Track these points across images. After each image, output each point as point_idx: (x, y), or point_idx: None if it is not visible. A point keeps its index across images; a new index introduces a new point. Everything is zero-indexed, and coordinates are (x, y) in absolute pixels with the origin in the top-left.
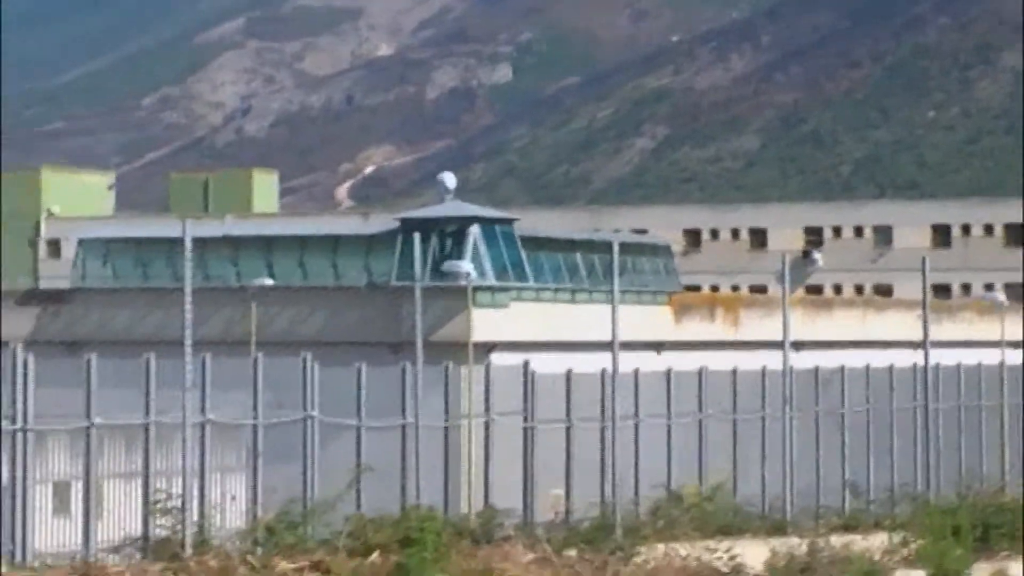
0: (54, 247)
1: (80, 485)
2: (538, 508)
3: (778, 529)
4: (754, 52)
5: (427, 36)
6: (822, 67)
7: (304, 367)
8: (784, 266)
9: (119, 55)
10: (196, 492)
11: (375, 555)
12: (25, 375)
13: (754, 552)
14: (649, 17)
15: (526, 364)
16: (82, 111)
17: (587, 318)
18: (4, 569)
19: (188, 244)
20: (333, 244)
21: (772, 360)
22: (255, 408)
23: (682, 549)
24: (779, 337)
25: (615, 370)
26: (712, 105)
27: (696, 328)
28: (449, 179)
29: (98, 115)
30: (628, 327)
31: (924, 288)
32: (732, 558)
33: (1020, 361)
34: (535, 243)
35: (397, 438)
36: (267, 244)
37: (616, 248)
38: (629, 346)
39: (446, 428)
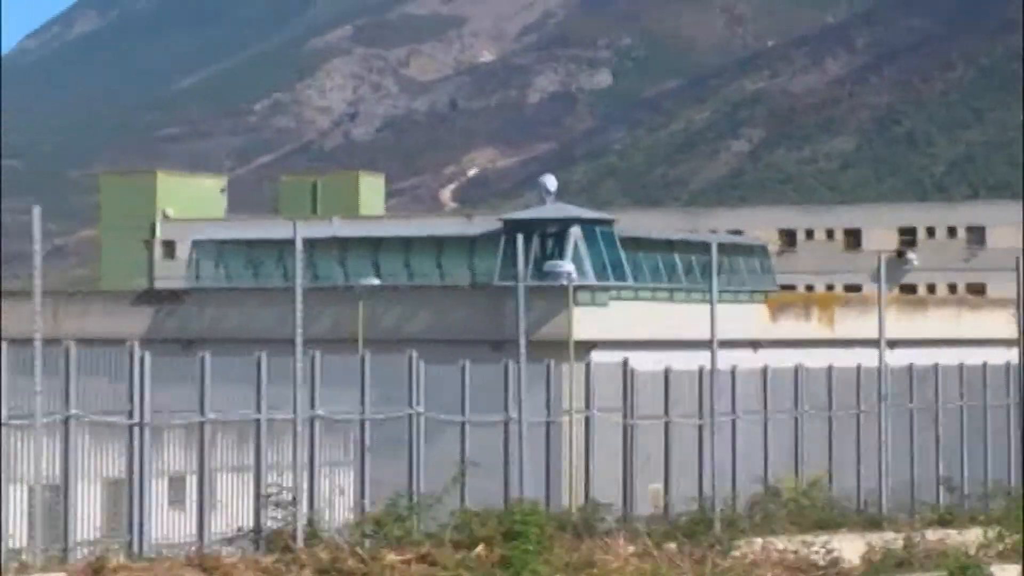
0: (169, 248)
1: (194, 478)
2: (637, 502)
3: (874, 523)
4: (849, 55)
5: (529, 42)
6: (916, 69)
7: (410, 364)
8: (880, 265)
9: (233, 62)
10: (306, 486)
11: (480, 548)
12: (142, 372)
13: (850, 546)
14: (745, 22)
15: (625, 362)
16: (197, 116)
17: (685, 317)
18: (122, 559)
19: (299, 245)
20: (438, 245)
21: (867, 358)
22: (363, 404)
23: (779, 543)
24: (874, 335)
25: (713, 367)
26: (807, 108)
27: (792, 326)
28: (550, 181)
29: (212, 120)
30: (726, 325)
31: (1019, 287)
32: (829, 552)
33: None
34: (634, 243)
35: (500, 434)
36: (374, 245)
37: (715, 248)
38: (727, 344)
39: (548, 424)
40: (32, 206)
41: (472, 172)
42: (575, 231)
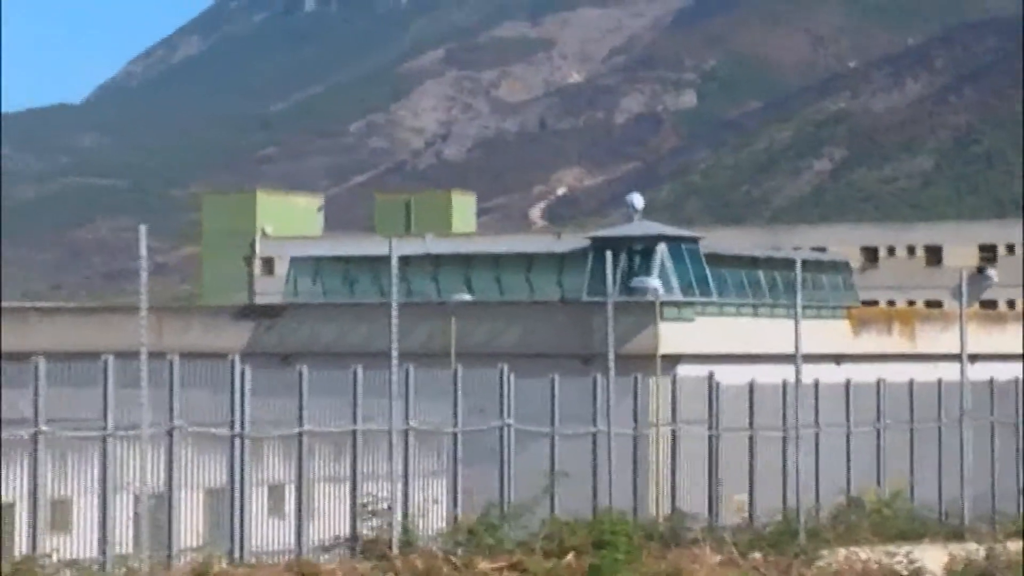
0: (268, 265)
1: (293, 488)
2: (722, 512)
3: (955, 535)
4: (929, 76)
5: (616, 64)
6: (995, 89)
7: (501, 378)
8: (962, 281)
9: (329, 84)
10: (400, 495)
11: (570, 556)
12: (242, 385)
13: (933, 556)
14: (827, 44)
15: (711, 375)
16: (294, 137)
17: (769, 331)
18: (224, 565)
19: (394, 262)
20: (527, 261)
21: (947, 372)
22: (455, 416)
23: (863, 553)
24: (954, 350)
25: (797, 381)
26: (888, 127)
27: (874, 341)
28: (637, 199)
29: (309, 141)
30: (809, 340)
31: None
32: (911, 562)
33: None
34: (719, 260)
35: (588, 445)
36: (465, 262)
37: (799, 265)
38: (810, 358)
39: (635, 436)
40: (138, 225)
41: (560, 191)
42: (661, 248)
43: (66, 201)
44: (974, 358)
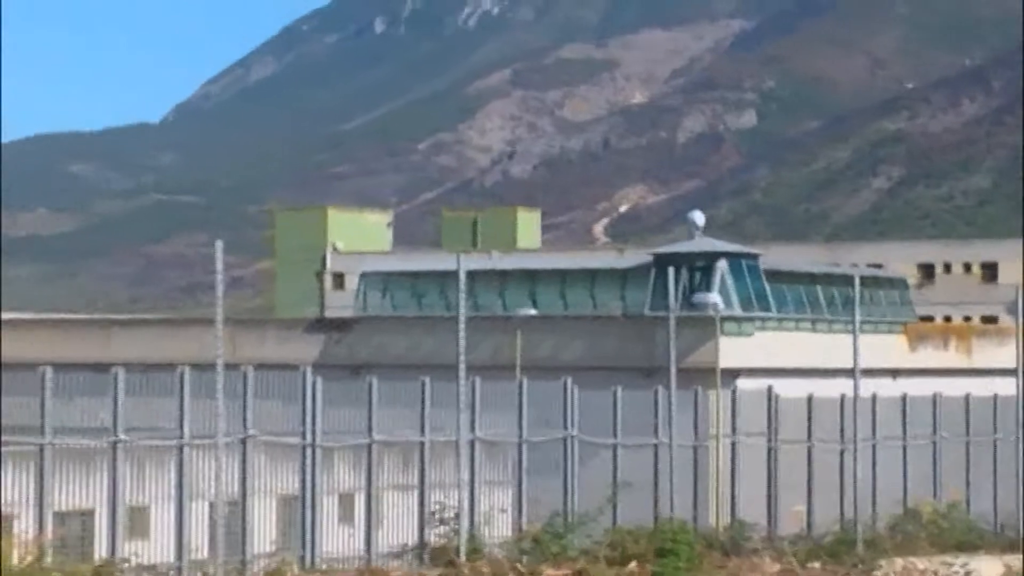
0: (338, 279)
1: (362, 496)
2: (781, 522)
3: (1011, 546)
4: (985, 96)
5: (678, 85)
6: None
7: (565, 390)
8: (1018, 297)
9: (399, 104)
10: (467, 504)
11: (632, 564)
12: (314, 396)
13: (988, 567)
14: (885, 65)
15: (770, 389)
16: (365, 155)
17: (827, 346)
18: (296, 571)
19: (462, 277)
20: (591, 277)
21: (1003, 386)
22: (520, 427)
23: (920, 563)
24: (1009, 365)
25: (856, 395)
26: (945, 147)
27: (930, 356)
28: (698, 217)
29: (379, 159)
30: (866, 355)
31: None
32: (968, 573)
33: None
34: (778, 276)
35: (650, 456)
36: (531, 277)
37: (857, 281)
38: (867, 372)
39: (695, 447)
40: (214, 240)
41: (623, 208)
42: (722, 264)
43: (145, 217)
44: None
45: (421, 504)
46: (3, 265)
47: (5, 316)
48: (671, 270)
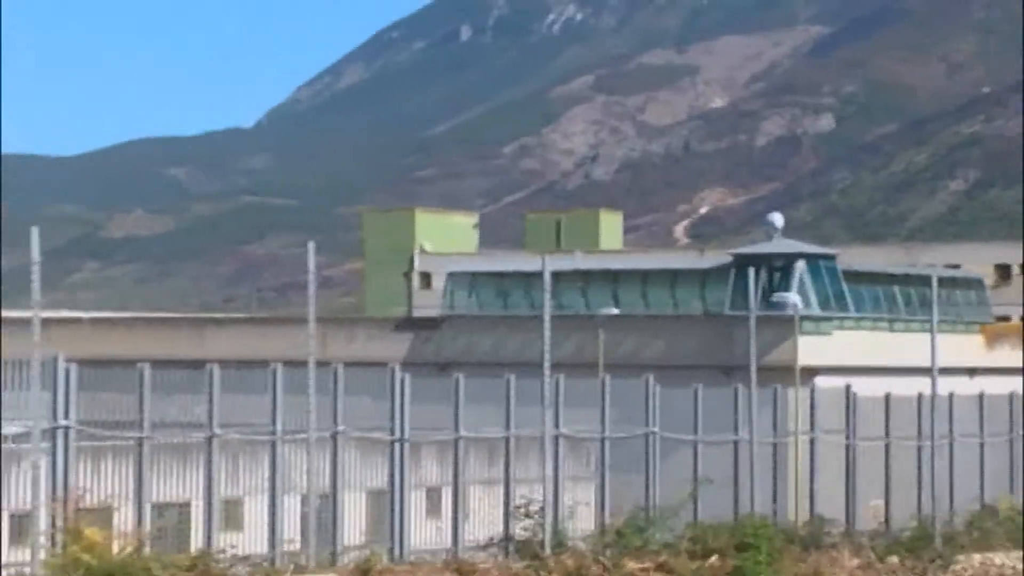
0: (426, 279)
1: (449, 490)
2: (859, 518)
3: None
4: None
5: (757, 89)
6: None
7: (646, 387)
8: None
9: (484, 109)
10: (551, 498)
11: (714, 558)
12: (402, 393)
13: None
14: (962, 70)
15: (848, 387)
16: (451, 159)
17: (904, 345)
18: (386, 563)
19: (547, 277)
20: (672, 277)
21: None
22: (603, 424)
23: (997, 559)
24: None
25: (933, 393)
26: (1021, 149)
27: (1007, 355)
28: (777, 218)
29: (465, 162)
30: (943, 354)
31: None
32: None
33: None
34: (856, 277)
35: (730, 452)
36: (613, 277)
37: (935, 281)
38: (944, 371)
39: (774, 444)
40: (305, 241)
41: (703, 210)
42: (800, 265)
43: (239, 219)
44: None
45: (506, 498)
46: (103, 265)
47: (105, 315)
48: (751, 270)
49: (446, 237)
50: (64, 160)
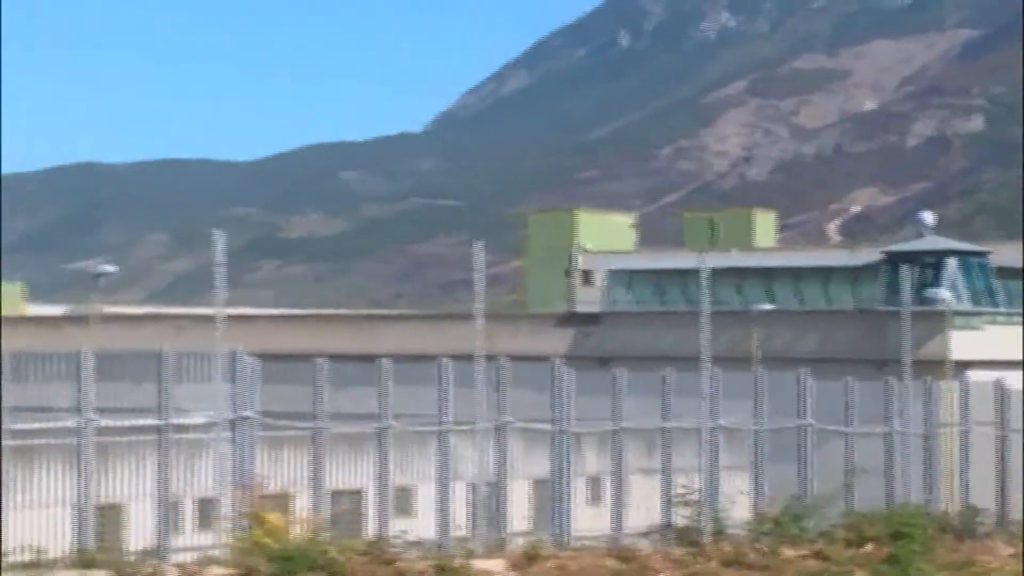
0: (586, 277)
1: (610, 479)
2: (1011, 508)
3: None
4: None
5: (907, 92)
6: None
7: (799, 380)
8: None
9: (642, 113)
10: (709, 487)
11: (869, 546)
12: (565, 386)
13: None
14: None
15: (999, 380)
16: (610, 161)
17: None
18: (550, 548)
19: (704, 274)
20: (824, 274)
21: None
22: (758, 416)
23: None
24: None
25: None
26: None
27: None
28: (928, 217)
29: (623, 164)
30: None
31: None
32: None
33: None
34: (1007, 273)
35: (882, 444)
36: (767, 274)
37: None
38: None
39: (926, 436)
40: (472, 241)
41: (855, 209)
42: (951, 262)
43: (408, 219)
44: None
45: (665, 487)
46: (281, 265)
47: (283, 312)
48: (903, 267)
49: (606, 236)
50: (243, 165)
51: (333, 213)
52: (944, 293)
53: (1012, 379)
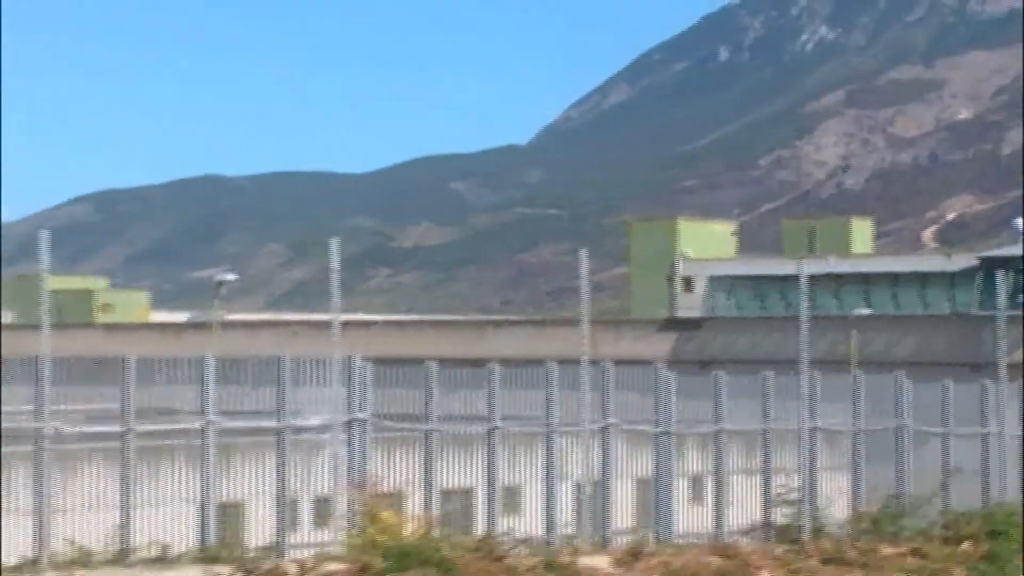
0: (687, 283)
1: (711, 479)
2: None
3: None
4: None
5: (1003, 101)
6: None
7: (897, 383)
8: None
9: (742, 123)
10: (808, 487)
11: (966, 544)
12: (667, 388)
13: None
14: None
15: None
16: (710, 171)
17: None
18: (654, 546)
19: (803, 281)
20: (921, 279)
21: None
22: (856, 417)
23: None
24: None
25: None
26: None
27: None
28: (1022, 224)
29: (723, 174)
30: None
31: None
32: None
33: None
34: None
35: (978, 445)
36: (864, 280)
37: None
38: None
39: (1022, 437)
40: (576, 249)
41: (951, 216)
42: None
43: (515, 229)
44: None
45: (765, 487)
46: (394, 273)
47: (396, 318)
48: (998, 272)
49: (706, 244)
50: (358, 177)
51: (443, 223)
52: None
53: None
